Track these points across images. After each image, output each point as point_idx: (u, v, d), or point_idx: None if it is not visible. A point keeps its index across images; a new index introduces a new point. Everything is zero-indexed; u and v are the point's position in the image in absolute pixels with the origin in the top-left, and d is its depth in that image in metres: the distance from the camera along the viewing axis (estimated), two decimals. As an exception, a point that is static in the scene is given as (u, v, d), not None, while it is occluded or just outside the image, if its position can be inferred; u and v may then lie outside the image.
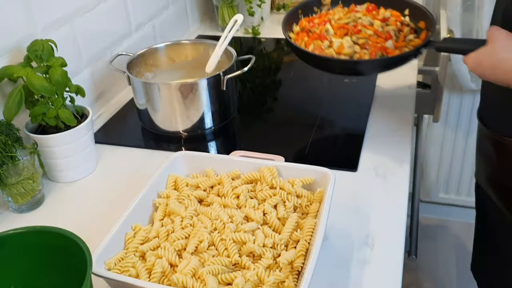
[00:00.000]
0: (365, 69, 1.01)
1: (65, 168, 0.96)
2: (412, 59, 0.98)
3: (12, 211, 0.90)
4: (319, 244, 0.65)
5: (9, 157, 0.84)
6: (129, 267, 0.67)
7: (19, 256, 0.65)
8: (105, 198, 0.93)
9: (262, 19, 1.66)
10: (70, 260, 0.63)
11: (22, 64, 0.89)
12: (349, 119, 1.15)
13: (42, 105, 0.89)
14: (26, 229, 0.65)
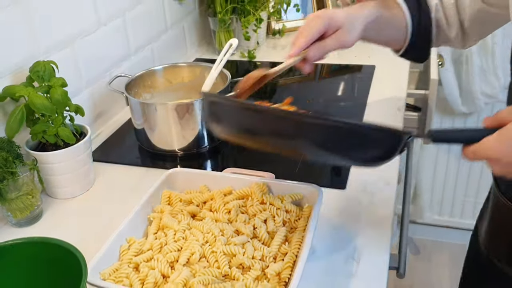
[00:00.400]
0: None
1: (64, 184, 0.99)
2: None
3: (11, 226, 0.93)
4: (306, 256, 0.68)
5: (10, 173, 0.87)
6: (123, 278, 0.70)
7: (17, 266, 0.68)
8: (102, 214, 0.95)
9: (258, 44, 1.71)
10: (66, 270, 0.65)
11: (24, 84, 0.93)
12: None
13: (43, 123, 0.93)
14: (24, 240, 0.68)
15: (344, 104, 1.36)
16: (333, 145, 0.65)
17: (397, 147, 0.68)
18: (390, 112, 1.27)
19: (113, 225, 0.78)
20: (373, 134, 0.66)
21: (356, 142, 0.65)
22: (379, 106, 1.30)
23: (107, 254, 0.73)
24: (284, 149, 0.72)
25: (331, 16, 0.84)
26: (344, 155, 0.67)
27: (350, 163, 0.74)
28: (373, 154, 0.68)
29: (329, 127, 0.65)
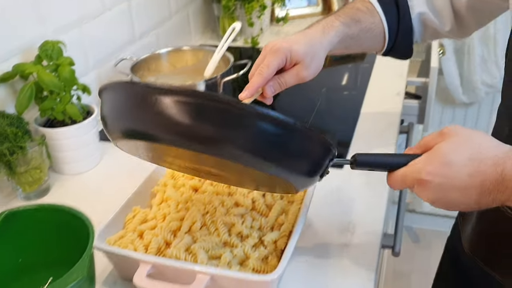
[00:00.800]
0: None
1: (71, 161, 1.03)
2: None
3: (20, 199, 0.97)
4: (301, 225, 0.72)
5: (19, 147, 0.90)
6: (128, 243, 0.74)
7: (28, 231, 0.72)
8: (107, 189, 0.99)
9: (262, 30, 1.73)
10: (74, 235, 0.69)
11: (33, 62, 0.97)
12: (339, 121, 1.22)
13: (51, 100, 0.96)
14: (36, 206, 0.72)
15: (347, 93, 1.39)
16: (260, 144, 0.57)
17: (323, 161, 0.66)
18: (389, 97, 1.30)
19: (118, 200, 0.82)
20: (302, 133, 0.61)
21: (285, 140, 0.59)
22: (378, 91, 1.33)
23: (113, 222, 0.77)
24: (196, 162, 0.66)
25: (291, 49, 0.80)
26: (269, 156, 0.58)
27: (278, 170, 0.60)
28: (297, 160, 0.61)
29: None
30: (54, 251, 0.73)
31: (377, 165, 0.67)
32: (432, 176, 0.60)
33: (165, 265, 0.67)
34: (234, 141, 0.55)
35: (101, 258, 0.75)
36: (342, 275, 0.75)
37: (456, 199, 0.60)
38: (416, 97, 1.85)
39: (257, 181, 0.68)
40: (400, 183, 0.64)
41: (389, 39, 0.93)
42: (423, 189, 0.61)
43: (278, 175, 0.59)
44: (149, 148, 0.62)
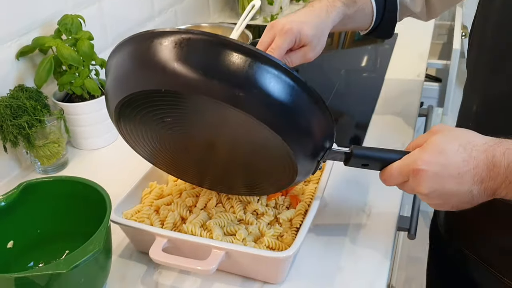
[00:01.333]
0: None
1: (88, 136, 1.03)
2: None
3: (38, 173, 0.98)
4: (317, 204, 0.71)
5: (38, 121, 0.91)
6: (144, 218, 0.74)
7: (46, 203, 0.72)
8: (124, 165, 0.99)
9: (281, 9, 1.71)
10: (91, 207, 0.70)
11: (52, 36, 0.97)
12: (358, 103, 1.20)
13: (70, 75, 0.96)
14: (54, 178, 0.72)
15: (366, 75, 1.37)
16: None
17: (326, 137, 0.66)
18: (408, 78, 1.28)
19: (135, 175, 0.82)
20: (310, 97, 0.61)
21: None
22: (398, 73, 1.31)
23: (130, 197, 0.77)
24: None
25: (301, 31, 0.80)
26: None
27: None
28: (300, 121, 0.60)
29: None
30: (72, 223, 0.73)
31: (373, 158, 0.67)
32: (428, 165, 0.61)
33: (181, 240, 0.68)
34: (250, 90, 0.56)
35: (118, 231, 0.76)
36: (357, 255, 0.75)
37: (451, 188, 0.60)
38: (436, 80, 1.82)
39: (255, 168, 0.68)
40: (395, 176, 0.64)
41: (376, 18, 0.94)
42: (419, 180, 0.61)
43: (285, 138, 0.59)
44: (154, 130, 0.65)
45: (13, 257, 0.71)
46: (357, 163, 0.68)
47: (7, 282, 0.58)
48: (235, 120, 0.58)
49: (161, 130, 0.66)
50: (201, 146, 0.67)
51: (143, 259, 0.76)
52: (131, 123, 0.66)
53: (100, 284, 0.67)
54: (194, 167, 0.73)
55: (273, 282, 0.70)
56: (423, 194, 0.62)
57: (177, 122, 0.63)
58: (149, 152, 0.73)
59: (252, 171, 0.69)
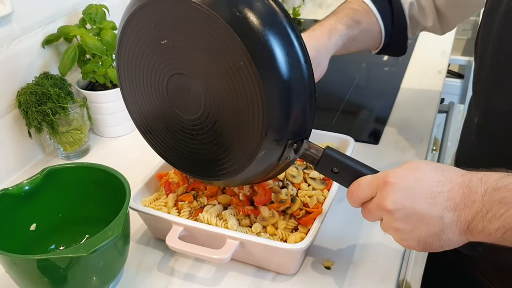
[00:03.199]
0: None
1: (110, 124, 1.05)
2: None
3: (61, 158, 1.00)
4: (333, 195, 0.73)
5: (61, 108, 0.93)
6: (162, 206, 0.76)
7: (68, 188, 0.75)
8: (144, 153, 1.00)
9: (304, 1, 1.71)
10: (111, 194, 0.71)
11: (77, 25, 0.99)
12: (377, 97, 1.20)
13: (93, 64, 0.99)
14: (76, 164, 0.75)
15: (387, 69, 1.36)
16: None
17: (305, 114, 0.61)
18: (430, 74, 1.27)
19: (154, 163, 0.84)
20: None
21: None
22: (419, 68, 1.31)
23: (148, 185, 0.79)
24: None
25: None
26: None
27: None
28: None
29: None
30: (92, 209, 0.76)
31: (345, 165, 0.63)
32: (399, 178, 0.55)
33: (197, 228, 0.69)
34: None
35: (136, 218, 0.78)
36: (370, 249, 0.75)
37: (421, 208, 0.54)
38: (459, 76, 1.80)
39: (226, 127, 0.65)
40: (362, 187, 0.59)
41: (385, 37, 0.92)
42: (387, 192, 0.55)
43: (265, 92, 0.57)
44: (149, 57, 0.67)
45: (35, 239, 0.74)
46: (328, 166, 0.63)
47: (30, 263, 0.60)
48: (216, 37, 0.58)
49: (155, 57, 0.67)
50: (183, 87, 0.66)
51: (160, 246, 0.78)
52: (131, 48, 0.69)
53: (118, 268, 0.69)
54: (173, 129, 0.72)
55: (286, 273, 0.71)
56: (388, 211, 0.55)
57: (171, 47, 0.64)
58: (139, 105, 0.75)
59: (223, 133, 0.66)
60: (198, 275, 0.73)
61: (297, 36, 0.58)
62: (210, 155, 0.68)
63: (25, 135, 0.95)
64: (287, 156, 0.63)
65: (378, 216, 0.59)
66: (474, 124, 0.78)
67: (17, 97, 0.92)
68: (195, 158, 0.71)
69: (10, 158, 0.94)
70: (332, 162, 0.63)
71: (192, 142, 0.70)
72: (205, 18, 0.57)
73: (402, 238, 0.57)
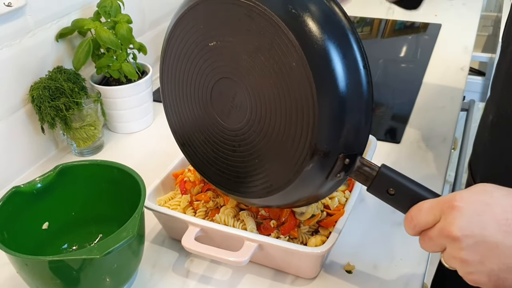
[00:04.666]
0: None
1: (124, 119, 1.03)
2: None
3: (74, 154, 0.99)
4: (355, 197, 0.70)
5: (75, 103, 0.91)
6: (177, 206, 0.74)
7: (81, 186, 0.73)
8: (159, 151, 0.99)
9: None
10: (125, 192, 0.69)
11: (91, 19, 0.97)
12: (398, 94, 1.17)
13: (108, 58, 0.96)
14: (90, 161, 0.72)
15: (405, 65, 1.33)
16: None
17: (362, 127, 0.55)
18: (452, 71, 1.24)
19: (169, 161, 0.81)
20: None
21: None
22: (441, 65, 1.27)
23: (164, 183, 0.77)
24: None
25: None
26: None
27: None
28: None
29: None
30: (105, 207, 0.73)
31: (404, 186, 0.55)
32: (467, 203, 0.48)
33: (214, 230, 0.67)
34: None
35: (151, 217, 0.76)
36: (393, 255, 0.72)
37: (493, 237, 0.47)
38: (479, 73, 1.76)
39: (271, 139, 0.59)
40: (424, 211, 0.52)
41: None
42: (453, 217, 0.48)
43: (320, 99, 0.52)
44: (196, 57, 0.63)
45: (48, 238, 0.72)
46: (383, 187, 0.56)
47: (42, 264, 0.58)
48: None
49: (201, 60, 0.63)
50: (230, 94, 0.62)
51: (175, 246, 0.75)
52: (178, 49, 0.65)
53: (132, 270, 0.67)
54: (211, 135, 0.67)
55: (305, 277, 0.69)
56: (454, 238, 0.48)
57: (219, 49, 0.60)
58: (178, 107, 0.70)
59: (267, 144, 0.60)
60: (214, 277, 0.71)
61: (356, 38, 0.54)
62: (250, 168, 0.63)
63: (38, 131, 0.94)
64: (337, 172, 0.57)
65: (440, 245, 0.51)
66: (488, 122, 0.76)
67: (30, 91, 0.90)
68: (234, 172, 0.66)
69: (22, 154, 0.92)
70: (388, 182, 0.56)
71: (233, 155, 0.65)
72: (258, 15, 0.54)
73: (469, 271, 0.49)
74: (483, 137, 0.79)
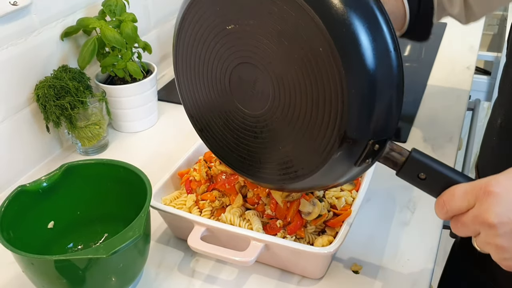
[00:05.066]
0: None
1: (129, 119, 1.03)
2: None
3: (79, 153, 0.98)
4: (362, 196, 0.69)
5: (80, 102, 0.91)
6: (183, 205, 0.73)
7: (87, 185, 0.72)
8: (164, 149, 0.99)
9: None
10: (131, 192, 0.69)
11: (97, 17, 0.96)
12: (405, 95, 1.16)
13: (113, 57, 0.96)
14: (95, 160, 0.72)
15: (409, 64, 1.32)
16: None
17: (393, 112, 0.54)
18: (458, 71, 1.23)
19: (174, 160, 0.81)
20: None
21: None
22: (446, 64, 1.26)
23: (169, 182, 0.76)
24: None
25: None
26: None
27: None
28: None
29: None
30: (111, 206, 0.73)
31: (435, 170, 0.54)
32: (504, 188, 0.47)
33: (220, 229, 0.67)
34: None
35: (156, 216, 0.76)
36: (399, 255, 0.72)
37: None
38: (485, 72, 1.75)
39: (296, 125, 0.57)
40: (458, 196, 0.51)
41: (409, 22, 0.85)
42: (489, 204, 0.48)
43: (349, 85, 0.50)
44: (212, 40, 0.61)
45: (53, 237, 0.72)
46: (413, 172, 0.55)
47: (48, 263, 0.58)
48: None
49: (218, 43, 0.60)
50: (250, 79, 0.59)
51: (180, 245, 0.75)
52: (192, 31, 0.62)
53: (138, 269, 0.67)
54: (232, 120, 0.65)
55: (312, 277, 0.68)
56: (490, 225, 0.48)
57: (238, 32, 0.57)
58: (193, 91, 0.68)
59: (291, 131, 0.58)
60: (220, 277, 0.70)
61: (386, 19, 0.51)
62: (273, 155, 0.61)
63: (43, 130, 0.94)
64: (367, 158, 0.55)
65: (474, 231, 0.51)
66: (497, 126, 0.75)
67: (35, 90, 0.90)
68: (255, 158, 0.63)
69: (27, 153, 0.92)
70: (419, 166, 0.54)
71: (254, 141, 0.62)
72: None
73: (505, 257, 0.49)
74: (491, 140, 0.78)
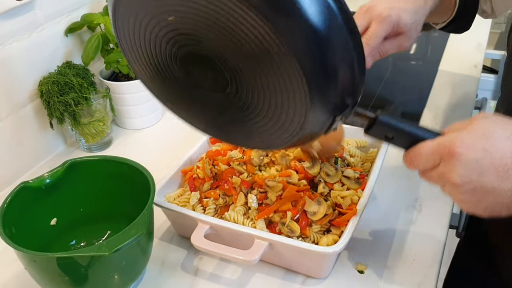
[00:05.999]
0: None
1: (133, 115, 1.03)
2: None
3: (82, 150, 0.98)
4: (368, 193, 0.69)
5: (84, 98, 0.90)
6: (186, 202, 0.73)
7: (90, 181, 0.72)
8: (167, 146, 0.98)
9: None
10: (134, 189, 0.68)
11: (101, 13, 0.96)
12: (409, 92, 1.15)
13: (117, 53, 0.96)
14: (98, 157, 0.72)
15: (414, 63, 1.31)
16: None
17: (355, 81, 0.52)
18: (465, 69, 1.22)
19: (178, 157, 0.80)
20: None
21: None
22: (453, 62, 1.25)
23: (172, 180, 0.76)
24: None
25: (399, 19, 0.72)
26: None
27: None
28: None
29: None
30: (114, 203, 0.73)
31: (401, 130, 0.55)
32: (468, 148, 0.49)
33: (224, 227, 0.66)
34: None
35: (159, 213, 0.75)
36: (405, 255, 0.71)
37: (490, 183, 0.49)
38: (492, 71, 1.74)
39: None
40: (424, 156, 0.52)
41: (458, 8, 0.84)
42: (453, 164, 0.50)
43: (305, 70, 0.47)
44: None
45: (56, 234, 0.71)
46: (381, 133, 0.56)
47: (50, 261, 0.57)
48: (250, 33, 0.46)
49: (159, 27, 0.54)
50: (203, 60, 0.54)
51: (184, 243, 0.75)
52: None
53: (141, 267, 0.66)
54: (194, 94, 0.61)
55: (316, 276, 0.68)
56: (454, 184, 0.50)
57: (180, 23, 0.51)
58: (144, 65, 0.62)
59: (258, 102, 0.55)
60: (223, 276, 0.70)
61: (359, 53, 0.50)
62: (245, 128, 0.58)
63: (47, 126, 0.93)
64: (330, 128, 0.55)
65: (440, 184, 0.54)
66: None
67: (39, 86, 0.89)
68: (227, 130, 0.62)
69: (31, 149, 0.92)
70: (385, 129, 0.56)
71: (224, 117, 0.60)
72: None
73: (467, 207, 0.53)
74: None
